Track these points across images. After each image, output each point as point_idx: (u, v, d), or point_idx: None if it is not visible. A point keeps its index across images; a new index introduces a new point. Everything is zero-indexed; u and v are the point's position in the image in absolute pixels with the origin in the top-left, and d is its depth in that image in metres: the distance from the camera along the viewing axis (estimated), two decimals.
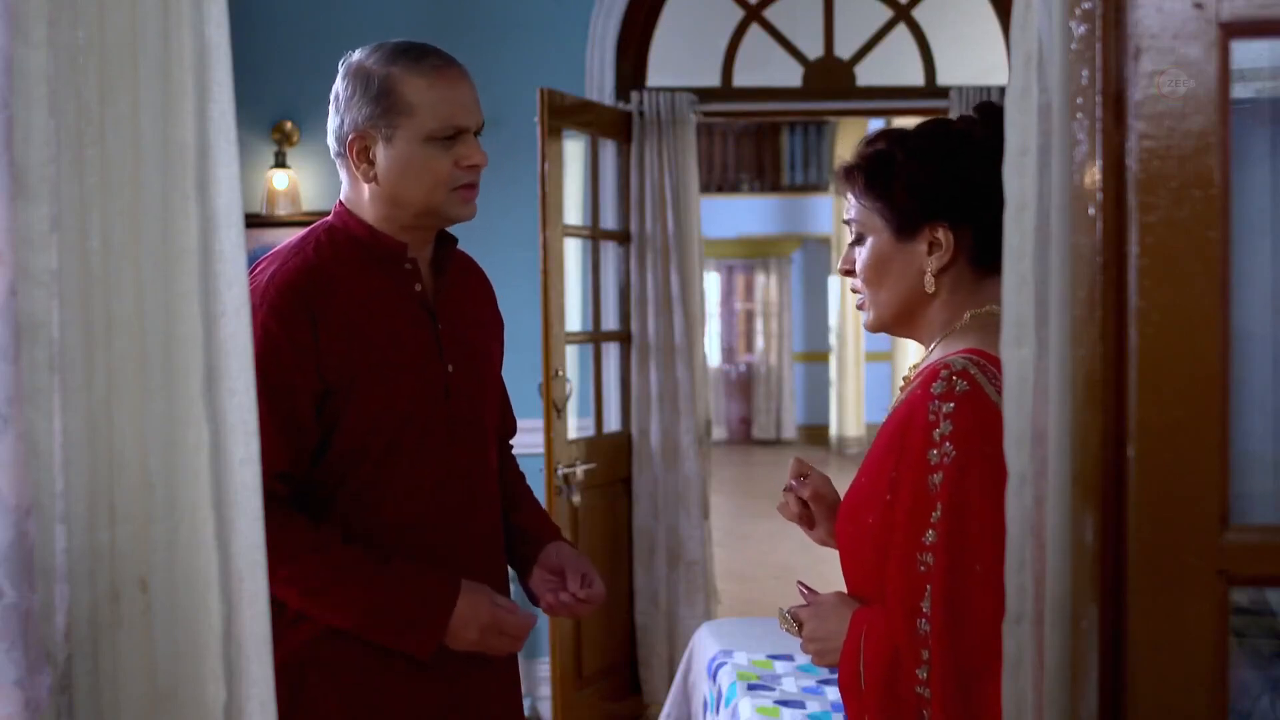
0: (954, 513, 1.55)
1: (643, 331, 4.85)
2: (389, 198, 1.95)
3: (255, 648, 1.03)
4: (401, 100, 1.91)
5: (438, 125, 1.92)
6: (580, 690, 4.51)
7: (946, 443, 1.57)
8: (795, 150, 14.09)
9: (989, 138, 1.68)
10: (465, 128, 1.95)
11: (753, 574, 7.52)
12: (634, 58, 4.92)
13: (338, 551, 1.89)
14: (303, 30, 4.80)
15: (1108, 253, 0.95)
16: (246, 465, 1.03)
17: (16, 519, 0.93)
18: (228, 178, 1.01)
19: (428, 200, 1.95)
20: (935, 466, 1.57)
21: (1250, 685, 1.30)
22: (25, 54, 0.92)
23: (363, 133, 1.93)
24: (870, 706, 1.62)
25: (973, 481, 1.55)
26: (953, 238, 1.69)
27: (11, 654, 0.91)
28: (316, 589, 1.89)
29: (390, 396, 1.93)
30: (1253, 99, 1.11)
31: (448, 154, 1.93)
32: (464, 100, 1.95)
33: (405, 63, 1.92)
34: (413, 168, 1.93)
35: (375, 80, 1.91)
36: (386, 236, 1.97)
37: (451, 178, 1.94)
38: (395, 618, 1.91)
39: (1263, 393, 1.07)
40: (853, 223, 1.76)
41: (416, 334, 1.98)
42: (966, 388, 1.59)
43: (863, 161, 1.75)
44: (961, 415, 1.57)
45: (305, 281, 1.91)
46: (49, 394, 0.95)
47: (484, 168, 1.98)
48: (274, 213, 4.74)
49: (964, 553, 1.54)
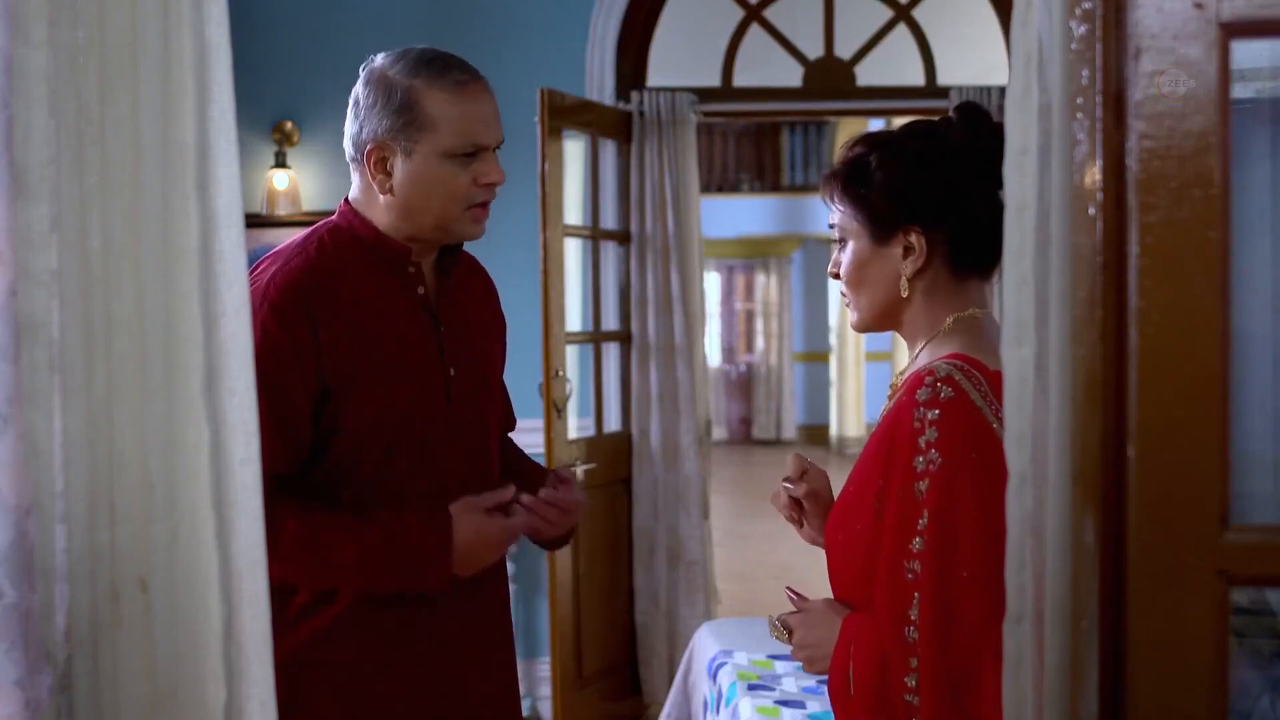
0: (940, 520, 1.55)
1: (643, 331, 4.85)
2: (402, 209, 1.94)
3: (255, 648, 1.03)
4: (423, 114, 1.89)
5: (458, 142, 1.91)
6: (580, 690, 4.51)
7: (932, 449, 1.57)
8: (795, 150, 14.09)
9: (968, 140, 1.69)
10: (485, 145, 1.94)
11: (753, 574, 7.52)
12: (634, 58, 4.92)
13: (322, 515, 1.89)
14: (303, 30, 4.80)
15: (1108, 253, 0.95)
16: (246, 465, 1.03)
17: (17, 519, 0.93)
18: (228, 178, 1.01)
19: (441, 216, 1.94)
20: (921, 474, 1.57)
21: (1250, 685, 1.30)
22: (25, 54, 0.92)
23: (382, 144, 1.92)
24: (859, 713, 1.62)
25: (959, 488, 1.55)
26: (925, 242, 1.70)
27: (12, 654, 0.91)
28: (312, 557, 1.88)
29: (390, 398, 1.93)
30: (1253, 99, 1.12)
31: (466, 171, 1.93)
32: (486, 117, 1.95)
33: (429, 75, 1.90)
34: (430, 183, 1.92)
35: (398, 92, 1.90)
36: (391, 239, 1.97)
37: (468, 195, 1.94)
38: (397, 562, 1.90)
39: (1263, 393, 1.07)
40: (835, 227, 1.77)
41: (418, 337, 1.98)
42: (951, 394, 1.59)
43: (841, 167, 1.76)
44: (947, 422, 1.57)
45: (307, 281, 1.91)
46: (49, 394, 0.95)
47: (501, 185, 1.98)
48: (274, 213, 4.74)
49: (951, 560, 1.54)
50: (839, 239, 1.78)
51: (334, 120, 2.03)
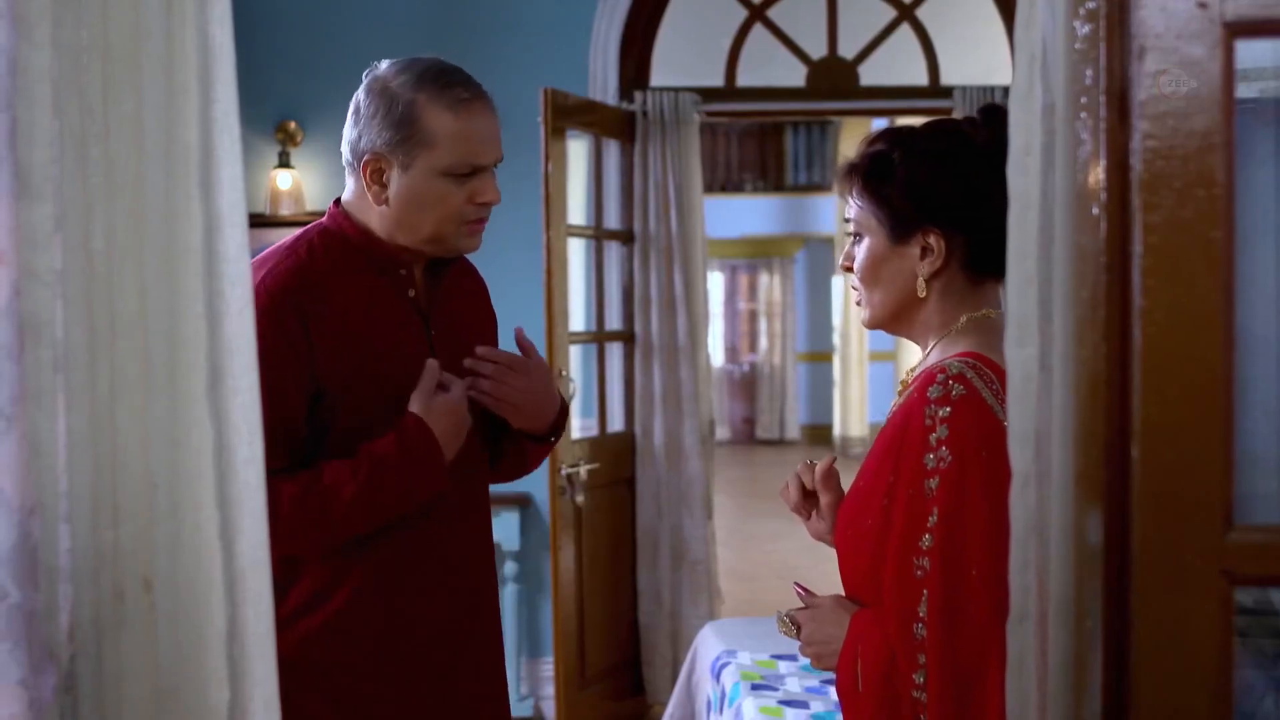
0: (950, 518, 1.55)
1: (646, 331, 4.85)
2: (396, 221, 1.94)
3: (259, 647, 1.03)
4: (423, 130, 1.88)
5: (456, 161, 1.90)
6: (583, 690, 4.51)
7: (943, 447, 1.57)
8: (799, 150, 14.08)
9: (991, 142, 1.66)
10: (483, 165, 1.93)
11: (756, 574, 7.52)
12: (637, 58, 4.92)
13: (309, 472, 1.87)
14: (306, 30, 4.80)
15: (1111, 252, 0.95)
16: (250, 465, 1.03)
17: (20, 519, 0.94)
18: (231, 178, 1.01)
19: (436, 231, 1.93)
20: (931, 471, 1.57)
21: (1254, 685, 1.30)
22: (29, 54, 0.92)
23: (379, 155, 1.90)
24: (867, 709, 1.62)
25: (969, 486, 1.55)
26: (945, 245, 1.68)
27: (15, 654, 0.92)
28: (316, 513, 1.86)
29: (381, 400, 1.93)
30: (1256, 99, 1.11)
31: (462, 189, 1.92)
32: (486, 137, 1.93)
33: (432, 90, 1.89)
34: (425, 199, 1.91)
35: (399, 104, 1.89)
36: (382, 242, 1.96)
37: (463, 213, 1.93)
38: (398, 477, 1.88)
39: (1266, 393, 1.07)
40: (851, 221, 1.76)
41: (409, 338, 1.98)
42: (963, 392, 1.59)
43: (862, 162, 1.74)
44: (958, 420, 1.57)
45: (297, 284, 1.90)
46: (53, 394, 0.95)
47: (496, 205, 1.97)
48: (277, 212, 4.75)
49: (960, 558, 1.54)
50: (854, 233, 1.76)
51: (337, 120, 2.03)
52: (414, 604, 1.95)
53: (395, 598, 1.94)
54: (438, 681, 1.98)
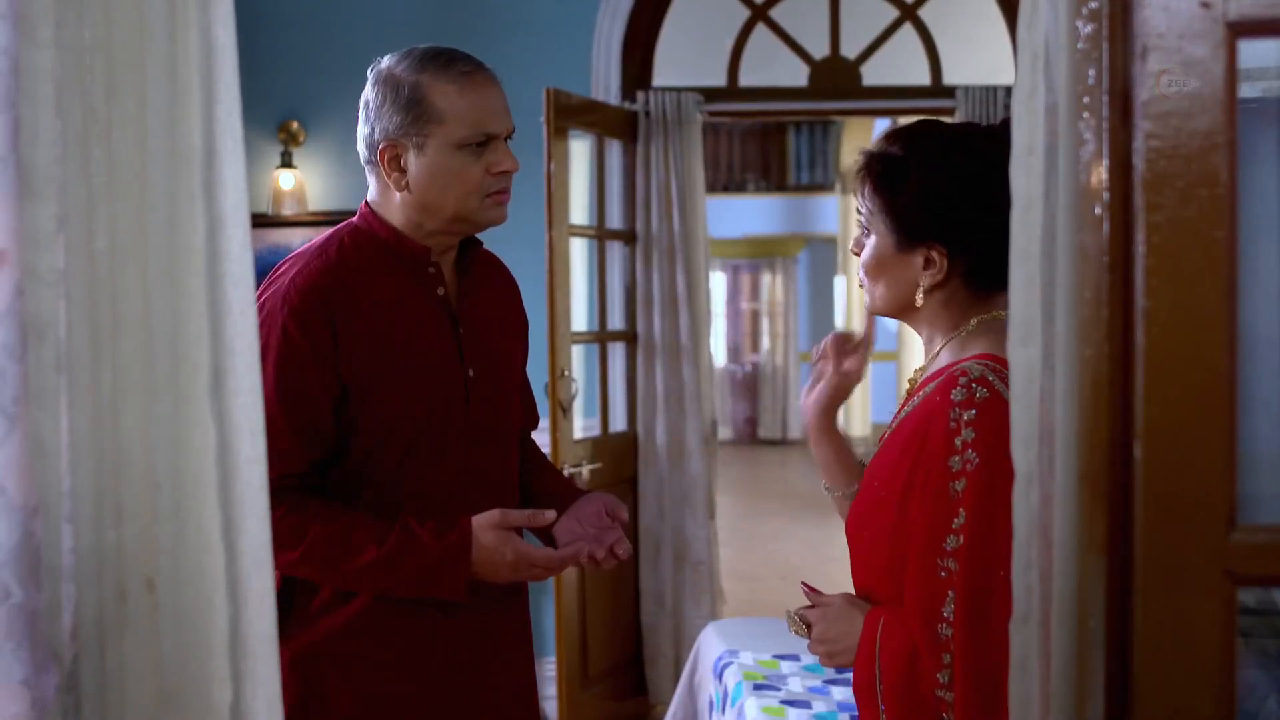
0: (979, 519, 1.55)
1: (649, 331, 4.85)
2: (420, 205, 1.95)
3: (261, 647, 1.03)
4: (432, 108, 1.91)
5: (468, 132, 1.92)
6: (586, 690, 4.51)
7: (969, 449, 1.57)
8: (801, 150, 14.07)
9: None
10: (496, 134, 1.95)
11: (758, 574, 7.52)
12: (640, 58, 4.92)
13: (346, 518, 1.88)
14: (309, 30, 4.80)
15: (1114, 252, 0.95)
16: (253, 465, 1.03)
17: (23, 519, 0.94)
18: (234, 178, 1.01)
19: (460, 207, 1.95)
20: (957, 473, 1.58)
21: (1257, 686, 1.30)
22: (32, 54, 0.93)
23: (394, 141, 1.93)
24: (889, 707, 1.62)
25: (997, 488, 1.54)
26: (947, 262, 1.68)
27: (18, 653, 0.92)
28: (335, 560, 1.87)
29: (408, 400, 1.93)
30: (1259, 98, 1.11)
31: (479, 161, 1.94)
32: (494, 106, 1.96)
33: (434, 69, 1.92)
34: (445, 175, 1.93)
35: (405, 88, 1.91)
36: (411, 240, 1.98)
37: (483, 184, 1.95)
38: (415, 569, 1.88)
39: (1270, 393, 1.06)
40: (862, 214, 1.76)
41: (437, 338, 1.99)
42: (986, 395, 1.59)
43: (876, 163, 1.73)
44: (984, 422, 1.57)
45: (326, 283, 1.92)
46: (56, 394, 0.95)
47: (516, 172, 1.98)
48: (280, 213, 4.74)
49: (988, 558, 1.54)
50: (864, 226, 1.77)
51: (340, 120, 2.04)
52: (441, 601, 1.95)
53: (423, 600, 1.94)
54: (464, 680, 1.99)
